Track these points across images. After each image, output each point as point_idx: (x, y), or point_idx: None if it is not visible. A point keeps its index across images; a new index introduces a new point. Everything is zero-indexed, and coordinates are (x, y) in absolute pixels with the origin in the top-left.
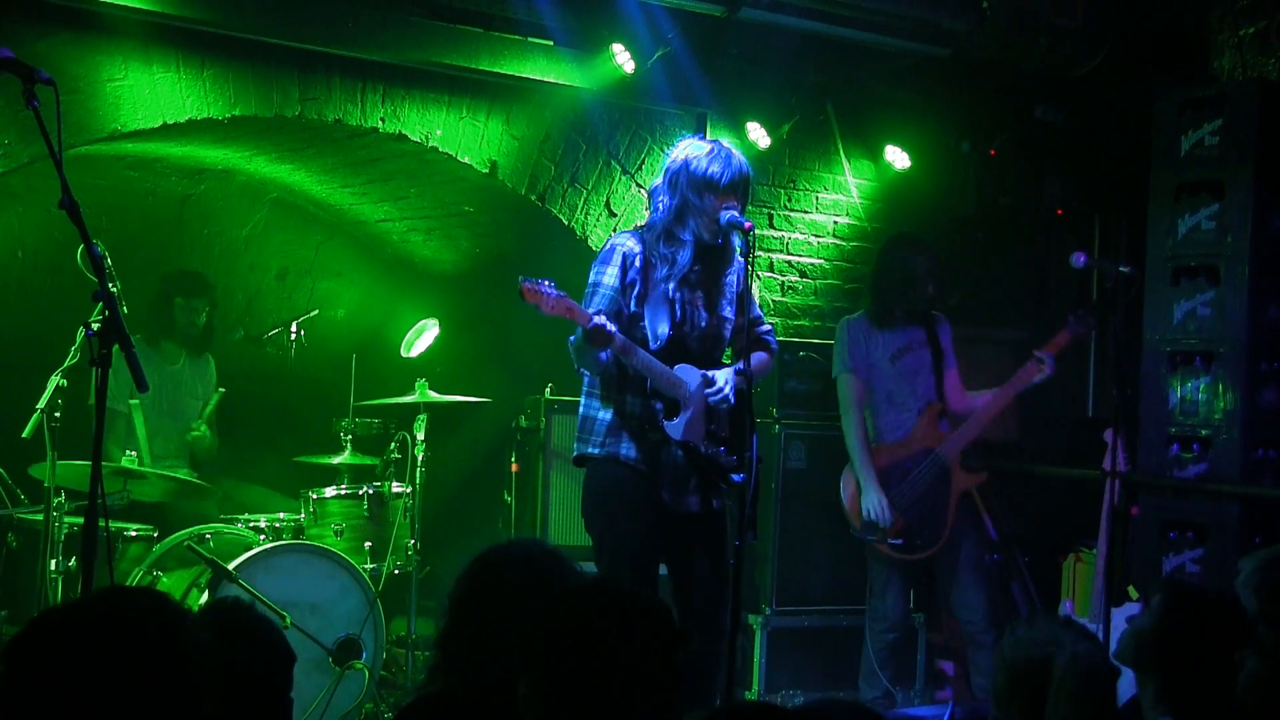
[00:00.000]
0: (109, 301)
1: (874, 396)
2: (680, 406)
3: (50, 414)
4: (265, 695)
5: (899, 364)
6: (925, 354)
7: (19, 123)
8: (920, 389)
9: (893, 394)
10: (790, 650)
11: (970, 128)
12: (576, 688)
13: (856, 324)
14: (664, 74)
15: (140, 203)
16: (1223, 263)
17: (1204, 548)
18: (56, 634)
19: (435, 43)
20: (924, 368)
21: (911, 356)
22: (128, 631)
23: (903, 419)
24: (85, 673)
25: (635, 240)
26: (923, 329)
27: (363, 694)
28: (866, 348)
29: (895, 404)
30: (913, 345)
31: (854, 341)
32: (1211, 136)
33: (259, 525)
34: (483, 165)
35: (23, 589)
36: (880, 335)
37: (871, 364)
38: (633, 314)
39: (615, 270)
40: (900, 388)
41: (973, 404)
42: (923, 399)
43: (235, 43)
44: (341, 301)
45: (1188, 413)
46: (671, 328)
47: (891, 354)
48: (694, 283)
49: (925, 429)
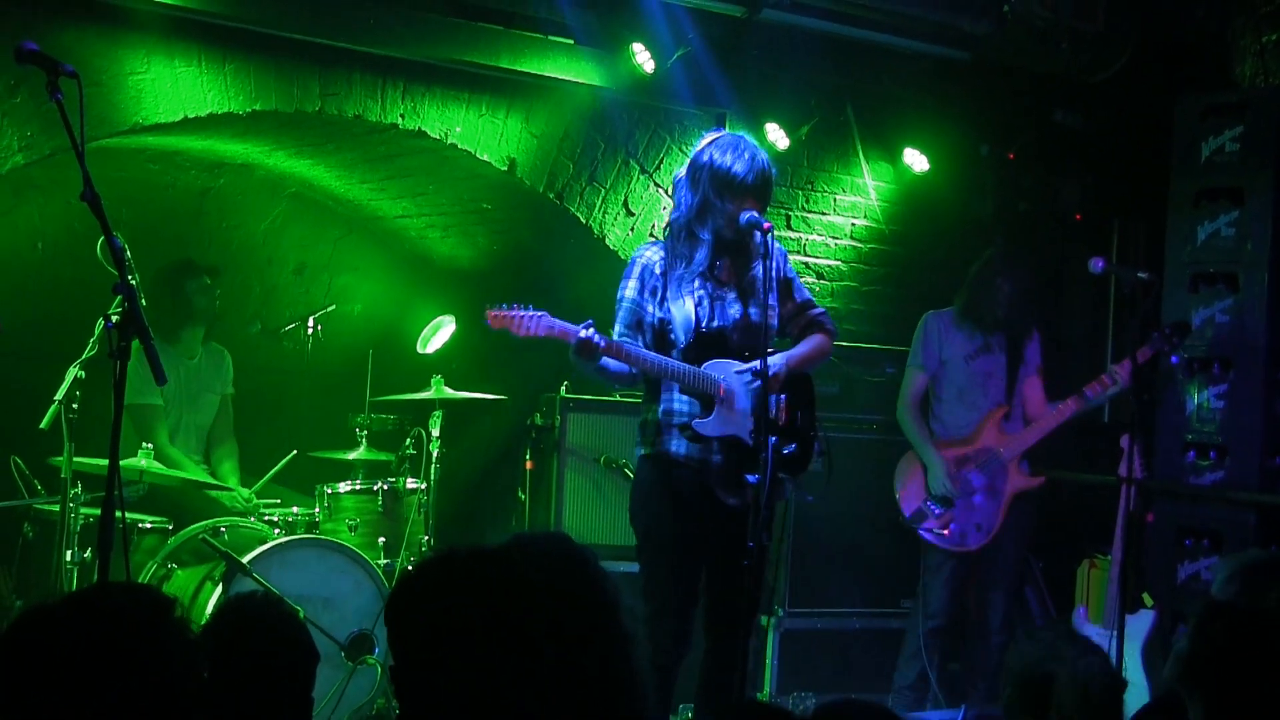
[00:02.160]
0: (129, 294)
1: (946, 391)
2: (713, 403)
3: (68, 405)
4: (287, 689)
5: (973, 364)
6: (1002, 358)
7: (42, 115)
8: (992, 391)
9: (964, 392)
10: (803, 652)
11: (989, 131)
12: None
13: (939, 319)
14: (684, 74)
15: (160, 196)
16: (1242, 270)
17: (1219, 555)
18: (35, 632)
19: (456, 40)
20: (998, 371)
21: (987, 358)
22: (111, 626)
23: (971, 418)
24: (65, 669)
25: (656, 249)
26: (1004, 334)
27: (375, 689)
28: (940, 344)
29: (966, 402)
30: (991, 348)
31: (929, 338)
32: (1232, 143)
33: (274, 519)
34: (501, 163)
35: (38, 580)
36: (960, 333)
37: (945, 360)
38: (659, 319)
39: (635, 283)
40: (972, 387)
41: (1048, 413)
42: (993, 401)
43: (257, 38)
44: (358, 297)
45: (1205, 420)
46: (695, 325)
47: (968, 353)
48: (721, 278)
49: (989, 429)
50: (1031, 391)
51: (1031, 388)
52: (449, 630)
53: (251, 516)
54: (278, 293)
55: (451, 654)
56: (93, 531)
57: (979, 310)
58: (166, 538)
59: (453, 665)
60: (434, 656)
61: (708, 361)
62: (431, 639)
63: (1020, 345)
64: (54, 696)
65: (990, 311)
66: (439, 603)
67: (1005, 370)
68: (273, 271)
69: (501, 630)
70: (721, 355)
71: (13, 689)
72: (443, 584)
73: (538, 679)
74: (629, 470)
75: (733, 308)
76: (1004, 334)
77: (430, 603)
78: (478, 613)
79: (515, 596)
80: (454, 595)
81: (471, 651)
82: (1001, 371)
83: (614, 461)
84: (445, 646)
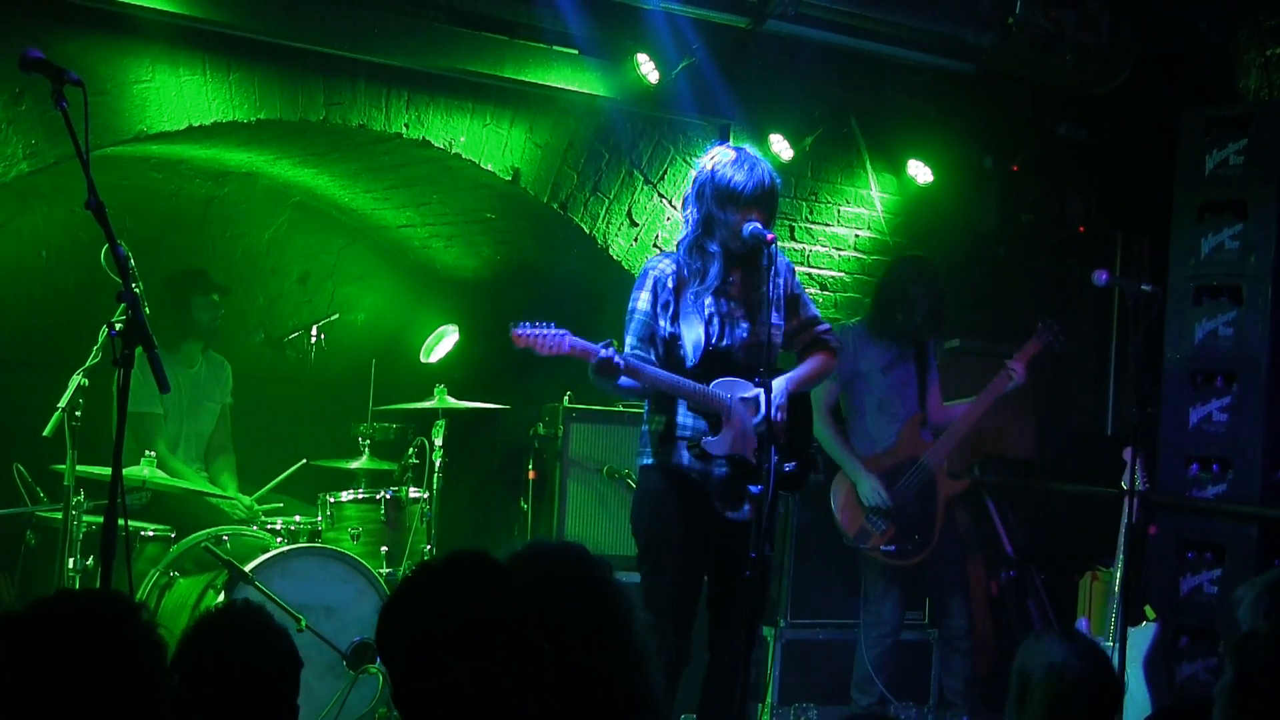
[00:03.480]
0: (132, 302)
1: (865, 404)
2: (721, 422)
3: (71, 413)
4: (271, 699)
5: (890, 375)
6: (912, 367)
7: (46, 123)
8: (908, 399)
9: (884, 403)
10: (805, 662)
11: (993, 143)
12: None
13: (852, 331)
14: (688, 84)
15: (164, 204)
16: (1245, 283)
17: (1222, 568)
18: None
19: (460, 50)
20: (911, 379)
21: (901, 368)
22: (74, 630)
23: (892, 428)
24: (33, 672)
25: (669, 261)
26: (912, 343)
27: (376, 698)
28: (855, 357)
29: (886, 413)
30: (903, 357)
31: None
32: (1236, 156)
33: (276, 528)
34: (505, 173)
35: (41, 587)
36: (874, 346)
37: (861, 373)
38: (670, 334)
39: (648, 295)
40: (891, 398)
41: (951, 414)
42: (909, 410)
43: (262, 47)
44: (362, 306)
45: (1208, 433)
46: (706, 342)
47: (884, 365)
48: (731, 294)
49: (909, 438)
50: (932, 396)
51: (932, 392)
52: (446, 633)
53: (254, 525)
54: (281, 302)
55: (448, 657)
56: (95, 539)
57: (893, 320)
58: (169, 546)
59: (449, 668)
60: (431, 659)
61: (715, 379)
62: (428, 642)
63: (925, 352)
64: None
65: (906, 321)
66: (437, 605)
67: (917, 379)
68: (276, 280)
69: (500, 634)
70: (729, 373)
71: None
72: (443, 587)
73: (539, 685)
74: (631, 480)
75: (741, 325)
76: (911, 343)
77: (430, 605)
78: (474, 615)
79: (515, 602)
80: (452, 598)
81: (467, 654)
82: (914, 380)
83: (617, 471)
84: (442, 649)
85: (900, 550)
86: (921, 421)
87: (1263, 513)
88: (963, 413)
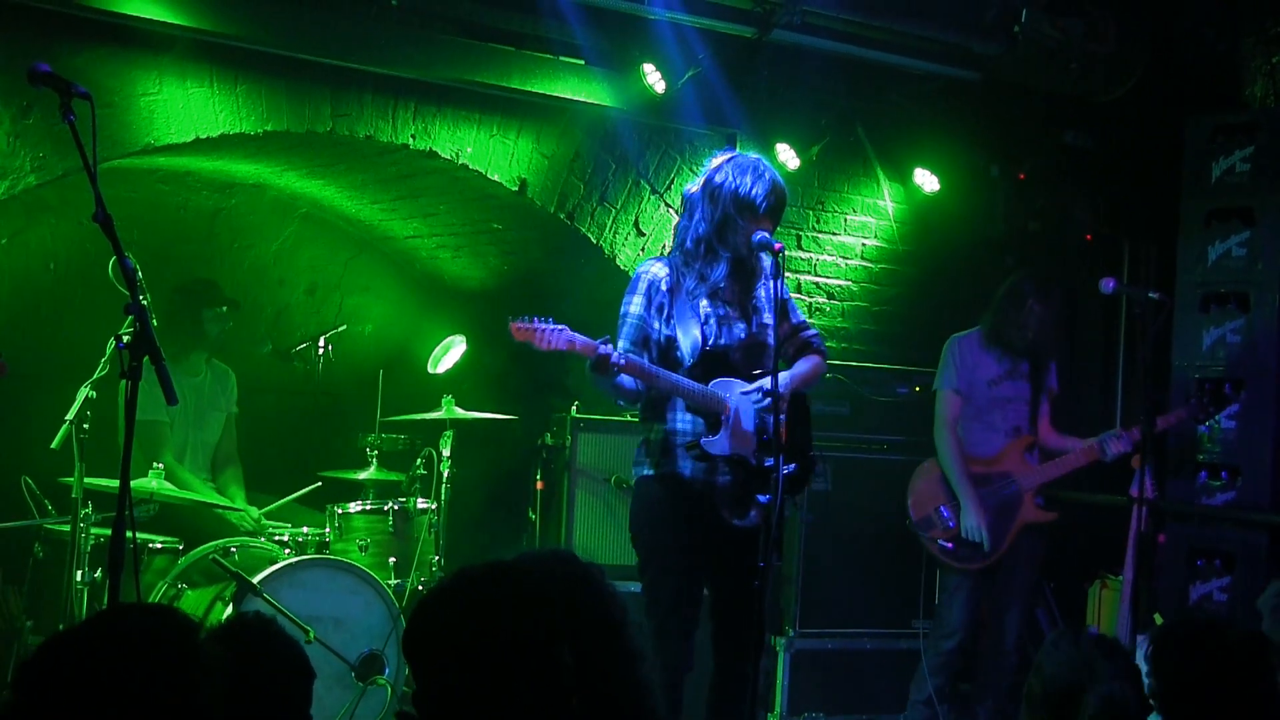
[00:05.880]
0: (140, 314)
1: (965, 411)
2: (720, 422)
3: (79, 425)
4: (284, 711)
5: (996, 389)
6: (1025, 385)
7: (54, 136)
8: (1011, 415)
9: (982, 413)
10: (814, 672)
11: (1000, 152)
12: None
13: (966, 342)
14: (694, 94)
15: (172, 216)
16: (1253, 290)
17: (1232, 576)
18: (65, 658)
19: (467, 61)
20: (1020, 397)
21: (1010, 384)
22: (137, 652)
23: (989, 438)
24: (96, 696)
25: (662, 265)
26: (1028, 360)
27: (385, 710)
28: (972, 366)
29: (984, 423)
30: (1014, 373)
31: (961, 360)
32: (1243, 163)
33: (284, 539)
34: (512, 183)
35: (49, 600)
36: (986, 356)
37: (972, 382)
38: (666, 337)
39: (641, 299)
40: (991, 409)
41: (1062, 444)
42: (1012, 425)
43: (269, 59)
44: (369, 317)
45: (1216, 441)
46: (702, 343)
47: (991, 377)
48: (726, 297)
49: (1013, 455)
50: (1044, 419)
51: (1044, 415)
52: (470, 650)
53: (261, 536)
54: (289, 313)
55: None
56: (103, 551)
57: (1008, 332)
58: (177, 558)
59: (474, 684)
60: (458, 678)
61: (713, 380)
62: (454, 660)
63: (1042, 371)
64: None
65: (1020, 334)
66: (460, 622)
67: (1029, 396)
68: (284, 292)
69: (524, 647)
70: (725, 374)
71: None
72: (463, 604)
73: (558, 694)
74: None
75: (737, 327)
76: (1027, 360)
77: (453, 623)
78: (497, 631)
79: (533, 613)
80: (474, 615)
81: (498, 663)
82: (1024, 397)
83: (624, 481)
84: (468, 666)
85: (958, 552)
86: (1030, 445)
87: (1272, 520)
88: (1076, 450)
